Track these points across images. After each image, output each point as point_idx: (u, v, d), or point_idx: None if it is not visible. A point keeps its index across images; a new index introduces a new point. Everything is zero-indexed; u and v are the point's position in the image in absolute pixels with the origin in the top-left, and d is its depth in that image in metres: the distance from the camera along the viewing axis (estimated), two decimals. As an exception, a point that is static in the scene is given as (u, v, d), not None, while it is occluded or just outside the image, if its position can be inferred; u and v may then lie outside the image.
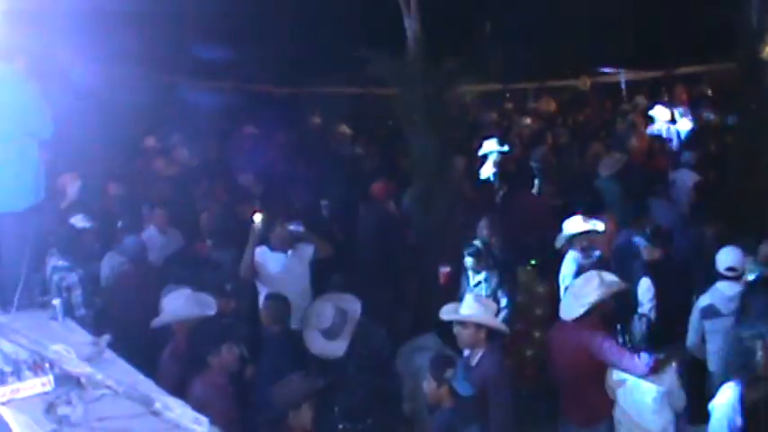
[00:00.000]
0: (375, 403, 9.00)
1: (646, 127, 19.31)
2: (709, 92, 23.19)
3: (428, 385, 8.55)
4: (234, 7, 20.03)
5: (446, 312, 9.49)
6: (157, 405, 4.12)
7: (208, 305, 9.77)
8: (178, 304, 9.70)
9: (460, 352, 9.42)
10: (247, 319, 11.27)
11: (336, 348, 9.67)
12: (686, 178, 15.18)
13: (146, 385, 5.30)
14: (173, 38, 19.20)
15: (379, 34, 13.28)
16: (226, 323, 9.76)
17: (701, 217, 13.07)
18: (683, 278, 11.36)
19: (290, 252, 11.94)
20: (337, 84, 21.34)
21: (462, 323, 9.25)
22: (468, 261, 11.73)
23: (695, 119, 21.06)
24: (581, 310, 9.19)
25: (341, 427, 8.36)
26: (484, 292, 11.19)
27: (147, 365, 6.87)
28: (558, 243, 12.20)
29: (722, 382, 8.41)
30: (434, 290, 12.15)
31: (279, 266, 11.80)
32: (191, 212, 14.13)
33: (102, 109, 15.86)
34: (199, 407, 7.63)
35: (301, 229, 12.19)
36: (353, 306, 9.91)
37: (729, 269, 10.40)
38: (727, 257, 10.50)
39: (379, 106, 19.83)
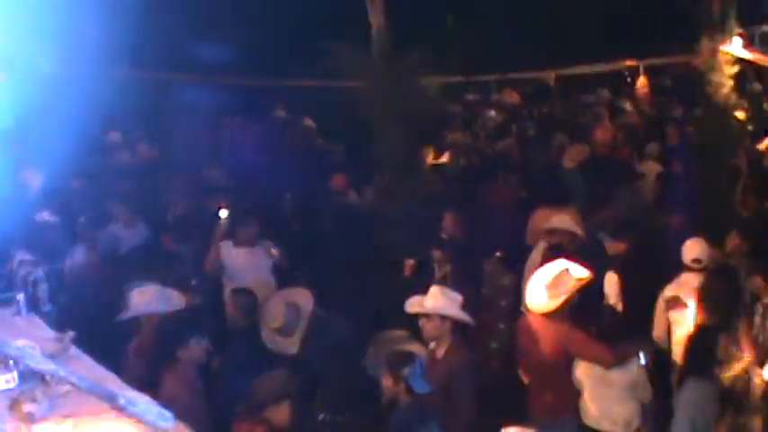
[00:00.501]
0: (355, 395, 9.00)
1: (610, 118, 19.38)
2: (671, 83, 23.38)
3: (385, 382, 8.51)
4: (196, -1, 20.01)
5: (411, 305, 9.48)
6: (121, 401, 4.08)
7: (175, 300, 9.75)
8: (146, 299, 9.65)
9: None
10: (212, 314, 11.25)
11: (290, 345, 9.66)
12: (651, 170, 15.26)
13: (110, 381, 5.28)
14: (134, 30, 19.10)
15: (342, 25, 13.27)
16: (192, 317, 9.75)
17: (665, 208, 13.13)
18: (648, 269, 11.37)
19: (255, 247, 11.97)
20: (301, 76, 21.27)
21: (427, 315, 9.24)
22: (434, 253, 11.75)
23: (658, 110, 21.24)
24: (555, 303, 9.18)
25: (321, 417, 8.35)
26: (449, 284, 11.19)
27: (112, 361, 6.83)
28: (530, 236, 12.29)
29: (686, 375, 8.43)
30: (399, 282, 12.14)
31: (243, 261, 11.81)
32: (156, 206, 14.13)
33: (65, 103, 15.79)
34: (168, 401, 7.61)
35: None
36: (306, 301, 9.89)
37: (695, 260, 10.45)
38: (692, 249, 10.54)
39: (343, 99, 19.85)
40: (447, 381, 8.79)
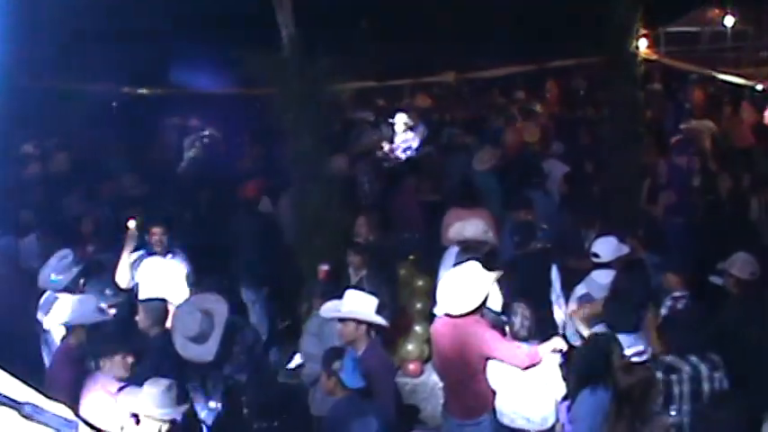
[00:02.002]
0: (286, 400, 9.02)
1: (527, 120, 19.54)
2: (582, 85, 23.72)
3: (321, 378, 8.54)
4: (105, 8, 19.83)
5: (326, 310, 9.51)
6: (27, 409, 4.07)
7: (104, 310, 9.73)
8: (79, 309, 9.58)
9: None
10: (126, 323, 11.18)
11: (206, 352, 9.55)
12: (556, 169, 15.44)
13: (19, 390, 5.26)
14: (47, 40, 18.92)
15: (252, 32, 13.22)
16: (118, 329, 9.70)
17: (572, 207, 13.29)
18: (564, 268, 11.47)
19: (168, 256, 11.93)
20: (213, 84, 21.19)
21: (343, 319, 9.28)
22: (350, 258, 11.79)
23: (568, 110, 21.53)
24: (473, 305, 9.26)
25: (255, 426, 8.34)
26: (364, 288, 11.22)
27: (27, 370, 6.76)
28: (443, 237, 12.40)
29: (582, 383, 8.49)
30: (314, 288, 12.16)
31: (156, 270, 11.77)
32: (69, 217, 14.04)
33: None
34: (91, 410, 7.60)
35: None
36: (220, 308, 9.79)
37: (594, 255, 10.64)
38: (601, 246, 10.69)
39: (256, 106, 19.81)
40: (367, 380, 8.79)
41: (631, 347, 9.08)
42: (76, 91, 20.63)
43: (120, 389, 8.50)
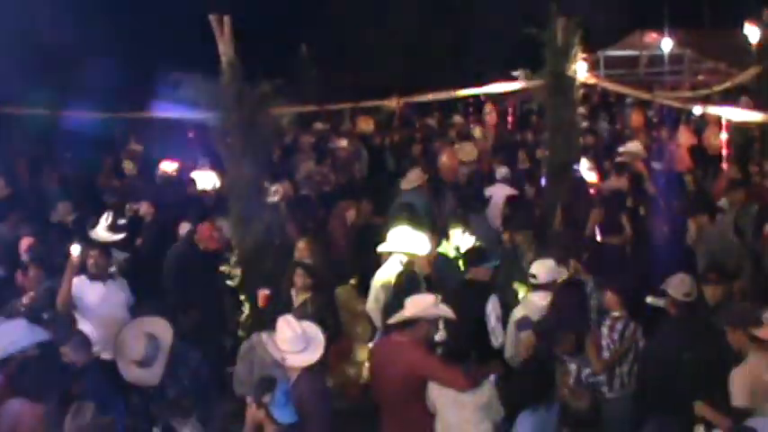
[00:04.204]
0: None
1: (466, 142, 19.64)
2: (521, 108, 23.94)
3: (249, 408, 8.43)
4: (48, 32, 19.78)
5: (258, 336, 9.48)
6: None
7: (41, 332, 9.58)
8: (19, 334, 9.45)
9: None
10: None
11: (152, 376, 9.50)
12: (500, 193, 15.54)
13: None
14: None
15: (193, 57, 13.22)
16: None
17: (513, 230, 13.34)
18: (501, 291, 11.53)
19: (108, 281, 11.87)
20: (154, 109, 21.12)
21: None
22: (295, 278, 11.75)
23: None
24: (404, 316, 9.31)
25: None
26: (307, 312, 11.20)
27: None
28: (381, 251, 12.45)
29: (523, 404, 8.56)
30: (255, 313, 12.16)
31: (97, 296, 11.70)
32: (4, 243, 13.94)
33: None
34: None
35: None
36: (165, 331, 9.73)
37: (532, 276, 10.73)
38: (539, 268, 10.77)
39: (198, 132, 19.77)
40: (300, 409, 8.72)
41: (581, 370, 9.27)
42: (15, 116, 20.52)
43: None
